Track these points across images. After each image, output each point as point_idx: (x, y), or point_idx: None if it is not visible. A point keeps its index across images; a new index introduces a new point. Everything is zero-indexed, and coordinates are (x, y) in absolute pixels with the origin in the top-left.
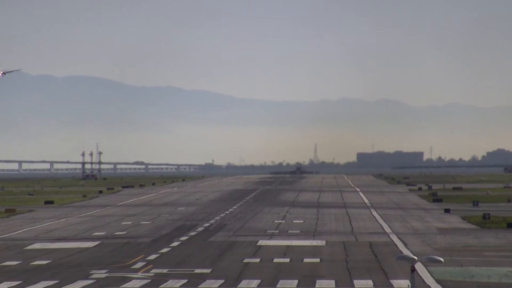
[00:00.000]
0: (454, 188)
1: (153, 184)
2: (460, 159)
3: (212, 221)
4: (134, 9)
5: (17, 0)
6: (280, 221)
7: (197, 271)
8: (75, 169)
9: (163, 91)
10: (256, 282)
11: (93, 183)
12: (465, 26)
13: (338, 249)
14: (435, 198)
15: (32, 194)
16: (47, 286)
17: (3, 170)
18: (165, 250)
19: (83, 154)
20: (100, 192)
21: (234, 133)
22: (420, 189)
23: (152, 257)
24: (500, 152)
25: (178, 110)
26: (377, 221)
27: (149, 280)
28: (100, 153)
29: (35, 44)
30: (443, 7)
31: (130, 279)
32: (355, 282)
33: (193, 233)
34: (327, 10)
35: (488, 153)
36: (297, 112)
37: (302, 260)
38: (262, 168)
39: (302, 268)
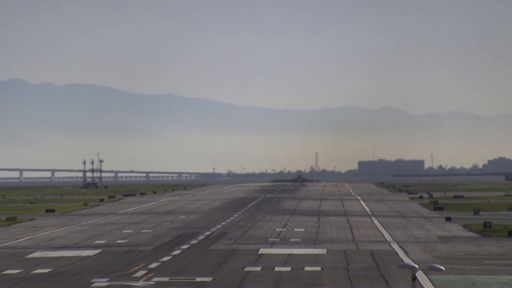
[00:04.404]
0: (455, 196)
1: (154, 192)
2: (461, 167)
3: (213, 229)
4: (134, 17)
5: (17, 9)
6: (281, 229)
7: (198, 279)
8: (76, 177)
9: (164, 99)
10: None
11: (94, 191)
12: (466, 35)
13: (339, 257)
14: (436, 206)
15: (33, 202)
16: None
17: (4, 178)
18: (166, 258)
19: (84, 162)
20: (101, 200)
21: (235, 141)
22: (421, 197)
23: (153, 265)
24: (501, 160)
25: (179, 118)
26: (378, 229)
27: None
28: (101, 161)
29: (35, 52)
30: (444, 17)
31: (132, 287)
32: None
33: (194, 241)
34: (328, 19)
35: (489, 161)
36: (298, 120)
37: (303, 268)
38: (263, 176)
39: (303, 276)
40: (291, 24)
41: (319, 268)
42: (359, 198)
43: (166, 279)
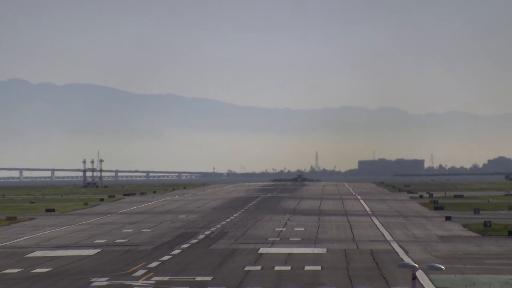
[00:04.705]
0: (455, 196)
1: (154, 191)
2: (461, 167)
3: (213, 229)
4: (135, 17)
5: (17, 9)
6: (281, 229)
7: (198, 278)
8: (76, 176)
9: (164, 99)
10: None
11: (94, 191)
12: (466, 35)
13: (339, 256)
14: (436, 206)
15: (33, 202)
16: None
17: (4, 177)
18: (166, 257)
19: (84, 162)
20: (101, 200)
21: (235, 140)
22: (421, 196)
23: (153, 264)
24: (501, 160)
25: (179, 117)
26: (378, 228)
27: None
28: (101, 160)
29: (35, 52)
30: (444, 17)
31: (131, 286)
32: None
33: (194, 241)
34: (328, 19)
35: (489, 161)
36: (298, 120)
37: (303, 267)
38: (263, 176)
39: (303, 276)
40: (291, 24)
41: (319, 268)
42: (359, 197)
43: (166, 278)
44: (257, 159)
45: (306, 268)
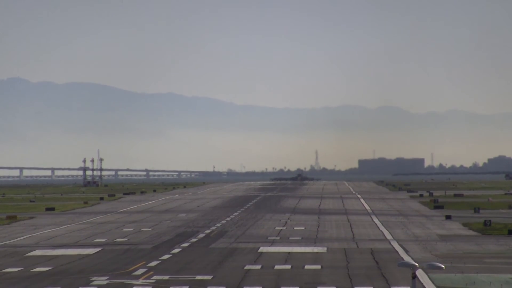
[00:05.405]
0: (455, 195)
1: (154, 190)
2: (461, 166)
3: (213, 228)
4: (135, 16)
5: (17, 7)
6: (281, 228)
7: (198, 277)
8: (77, 175)
9: (164, 98)
10: None
11: (94, 190)
12: (466, 34)
13: (339, 255)
14: (436, 205)
15: (33, 201)
16: None
17: (4, 176)
18: (166, 256)
19: (84, 161)
20: (101, 198)
21: (235, 139)
22: (421, 195)
23: (153, 263)
24: (501, 159)
25: (179, 116)
26: (378, 227)
27: (150, 287)
28: (101, 159)
29: (35, 51)
30: (444, 16)
31: (131, 285)
32: None
33: (194, 240)
34: (328, 19)
35: (489, 160)
36: (298, 119)
37: (303, 266)
38: (263, 175)
39: (303, 275)
40: (291, 24)
41: (319, 267)
42: (359, 196)
43: (166, 277)
44: (257, 158)
45: (306, 267)
